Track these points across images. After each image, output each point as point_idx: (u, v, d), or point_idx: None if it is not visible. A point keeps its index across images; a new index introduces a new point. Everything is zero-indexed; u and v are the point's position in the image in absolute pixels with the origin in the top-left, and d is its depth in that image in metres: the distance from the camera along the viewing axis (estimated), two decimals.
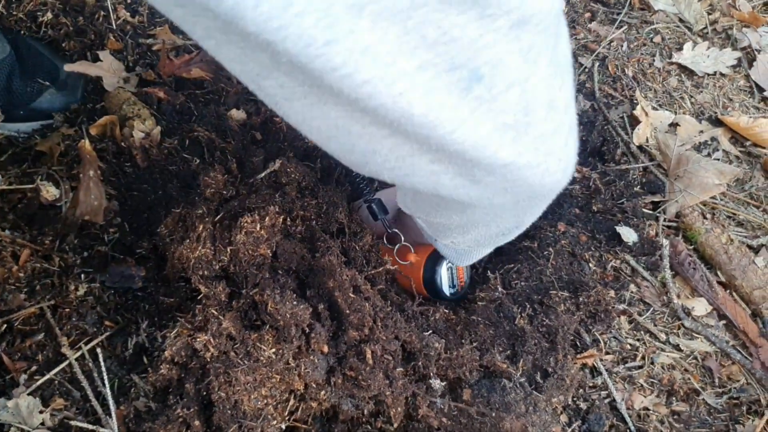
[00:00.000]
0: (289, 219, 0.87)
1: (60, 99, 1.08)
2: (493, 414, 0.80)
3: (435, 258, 0.94)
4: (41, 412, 0.78)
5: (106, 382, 0.84)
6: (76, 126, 1.09)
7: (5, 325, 0.87)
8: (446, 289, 0.95)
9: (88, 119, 1.10)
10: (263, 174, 0.94)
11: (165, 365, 0.80)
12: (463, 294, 1.01)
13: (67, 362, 0.86)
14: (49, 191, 1.02)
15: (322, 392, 0.77)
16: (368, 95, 0.39)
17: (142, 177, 1.04)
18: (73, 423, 0.79)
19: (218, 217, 0.87)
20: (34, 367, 0.85)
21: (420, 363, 0.81)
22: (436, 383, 0.81)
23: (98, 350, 0.87)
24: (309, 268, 0.84)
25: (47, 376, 0.84)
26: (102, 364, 0.86)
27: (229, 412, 0.75)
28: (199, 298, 0.83)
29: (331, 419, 0.82)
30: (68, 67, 1.09)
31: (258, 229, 0.82)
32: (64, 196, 1.02)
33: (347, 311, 0.78)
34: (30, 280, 0.93)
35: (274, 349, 0.75)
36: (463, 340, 0.87)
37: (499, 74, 0.41)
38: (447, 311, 0.91)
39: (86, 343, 0.88)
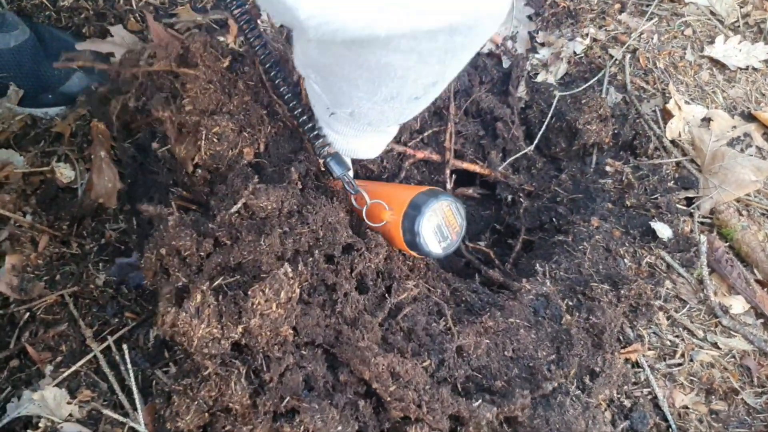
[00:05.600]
0: (288, 264, 0.73)
1: (88, 81, 1.04)
2: None
3: (412, 215, 0.78)
4: (69, 403, 0.74)
5: (131, 374, 0.80)
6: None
7: (27, 314, 0.84)
8: (435, 248, 0.80)
9: None
10: (233, 209, 0.77)
11: None
12: (460, 241, 0.85)
13: (92, 354, 0.82)
14: (63, 173, 0.98)
15: None
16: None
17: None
18: (104, 412, 0.75)
19: (215, 284, 0.73)
20: (59, 358, 0.81)
21: (471, 428, 0.75)
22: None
23: (124, 345, 0.83)
24: (335, 337, 0.75)
25: (73, 368, 0.80)
26: (127, 357, 0.82)
27: None
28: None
29: None
30: (80, 46, 1.05)
31: (274, 308, 0.70)
32: (80, 178, 0.98)
33: (389, 399, 0.72)
34: (49, 268, 0.90)
35: None
36: (510, 364, 0.81)
37: None
38: (484, 319, 0.84)
39: (110, 335, 0.85)
